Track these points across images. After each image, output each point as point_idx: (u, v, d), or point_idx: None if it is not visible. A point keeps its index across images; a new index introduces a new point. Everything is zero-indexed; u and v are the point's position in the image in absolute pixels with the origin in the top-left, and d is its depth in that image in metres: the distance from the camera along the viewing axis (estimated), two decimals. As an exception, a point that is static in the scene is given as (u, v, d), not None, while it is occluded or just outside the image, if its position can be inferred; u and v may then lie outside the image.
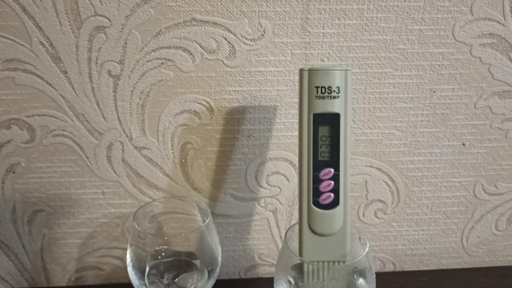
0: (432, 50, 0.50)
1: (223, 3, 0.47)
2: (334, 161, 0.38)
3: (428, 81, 0.51)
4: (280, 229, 0.58)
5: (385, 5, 0.48)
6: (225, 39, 0.48)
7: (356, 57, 0.50)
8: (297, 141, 0.40)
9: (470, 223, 0.59)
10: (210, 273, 0.47)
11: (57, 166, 0.52)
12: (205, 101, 0.51)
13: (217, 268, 0.48)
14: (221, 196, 0.55)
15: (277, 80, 0.50)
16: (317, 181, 0.39)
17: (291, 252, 0.39)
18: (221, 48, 0.48)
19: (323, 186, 0.39)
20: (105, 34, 0.47)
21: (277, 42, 0.49)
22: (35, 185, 0.53)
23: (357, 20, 0.48)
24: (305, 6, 0.47)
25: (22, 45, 0.47)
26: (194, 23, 0.47)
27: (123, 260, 0.57)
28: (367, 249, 0.39)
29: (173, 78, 0.49)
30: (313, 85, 0.37)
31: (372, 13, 0.48)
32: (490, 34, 0.50)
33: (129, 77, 0.49)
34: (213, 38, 0.48)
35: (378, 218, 0.58)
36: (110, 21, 0.46)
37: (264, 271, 0.60)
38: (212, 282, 0.47)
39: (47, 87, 0.48)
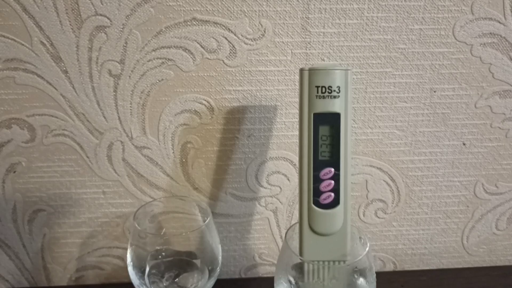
0: (432, 50, 0.50)
1: (223, 2, 0.47)
2: (334, 161, 0.38)
3: (428, 81, 0.51)
4: (281, 229, 0.58)
5: (385, 5, 0.48)
6: (226, 38, 0.48)
7: (356, 56, 0.50)
8: (298, 141, 0.40)
9: (470, 223, 0.59)
10: (211, 272, 0.47)
11: (57, 166, 0.52)
12: (205, 100, 0.51)
13: (218, 268, 0.48)
14: (222, 196, 0.55)
15: (278, 79, 0.50)
16: (317, 180, 0.39)
17: (292, 251, 0.39)
18: (221, 47, 0.48)
19: (323, 186, 0.39)
20: (105, 33, 0.47)
21: (278, 42, 0.49)
22: (36, 185, 0.53)
23: (357, 19, 0.48)
24: (305, 6, 0.47)
25: (23, 44, 0.47)
26: (194, 22, 0.47)
27: (124, 259, 0.57)
28: (367, 249, 0.39)
29: (174, 77, 0.49)
30: (314, 84, 0.37)
31: (373, 13, 0.48)
32: (490, 33, 0.50)
33: (129, 76, 0.49)
34: (213, 38, 0.48)
35: (378, 217, 0.58)
36: (111, 21, 0.46)
37: (264, 270, 0.60)
38: (212, 281, 0.47)
39: (48, 87, 0.48)
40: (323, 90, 0.37)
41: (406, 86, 0.51)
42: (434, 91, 0.52)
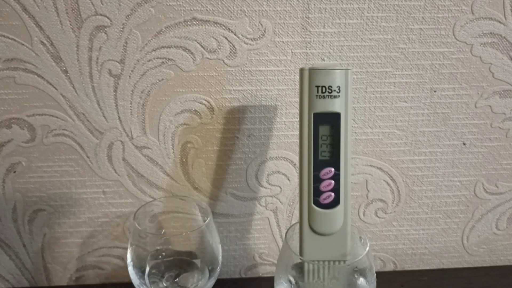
0: (432, 50, 0.50)
1: (223, 2, 0.47)
2: (334, 161, 0.38)
3: (428, 81, 0.51)
4: (281, 229, 0.58)
5: (385, 4, 0.48)
6: (226, 38, 0.48)
7: (356, 56, 0.50)
8: (298, 141, 0.40)
9: (470, 223, 0.59)
10: (211, 272, 0.47)
11: (57, 166, 0.52)
12: (205, 100, 0.51)
13: (218, 268, 0.48)
14: (222, 196, 0.55)
15: (278, 79, 0.50)
16: (317, 180, 0.39)
17: (292, 251, 0.39)
18: (221, 47, 0.48)
19: (323, 186, 0.39)
20: (105, 33, 0.47)
21: (278, 42, 0.49)
22: (36, 185, 0.53)
23: (357, 19, 0.48)
24: (305, 5, 0.47)
25: (23, 44, 0.47)
26: (194, 22, 0.47)
27: (124, 259, 0.57)
28: (367, 249, 0.39)
29: (174, 77, 0.49)
30: (314, 84, 0.37)
31: (373, 12, 0.48)
32: (490, 33, 0.50)
33: (129, 76, 0.49)
34: (213, 38, 0.48)
35: (378, 217, 0.58)
36: (111, 21, 0.46)
37: (264, 270, 0.60)
38: (212, 281, 0.47)
39: (48, 87, 0.48)
40: (323, 90, 0.37)
41: (406, 86, 0.51)
42: (434, 91, 0.52)
